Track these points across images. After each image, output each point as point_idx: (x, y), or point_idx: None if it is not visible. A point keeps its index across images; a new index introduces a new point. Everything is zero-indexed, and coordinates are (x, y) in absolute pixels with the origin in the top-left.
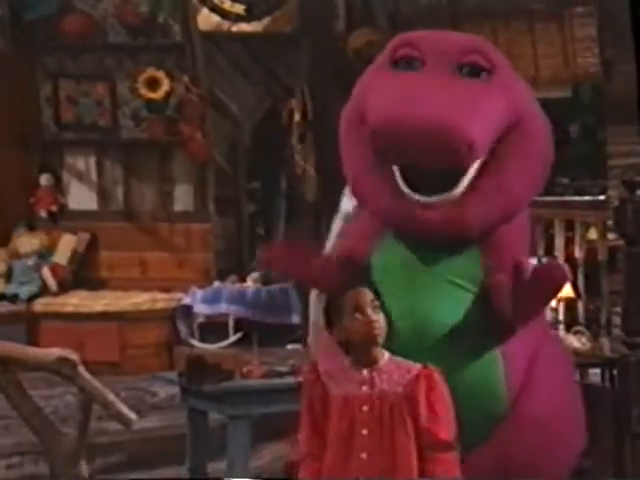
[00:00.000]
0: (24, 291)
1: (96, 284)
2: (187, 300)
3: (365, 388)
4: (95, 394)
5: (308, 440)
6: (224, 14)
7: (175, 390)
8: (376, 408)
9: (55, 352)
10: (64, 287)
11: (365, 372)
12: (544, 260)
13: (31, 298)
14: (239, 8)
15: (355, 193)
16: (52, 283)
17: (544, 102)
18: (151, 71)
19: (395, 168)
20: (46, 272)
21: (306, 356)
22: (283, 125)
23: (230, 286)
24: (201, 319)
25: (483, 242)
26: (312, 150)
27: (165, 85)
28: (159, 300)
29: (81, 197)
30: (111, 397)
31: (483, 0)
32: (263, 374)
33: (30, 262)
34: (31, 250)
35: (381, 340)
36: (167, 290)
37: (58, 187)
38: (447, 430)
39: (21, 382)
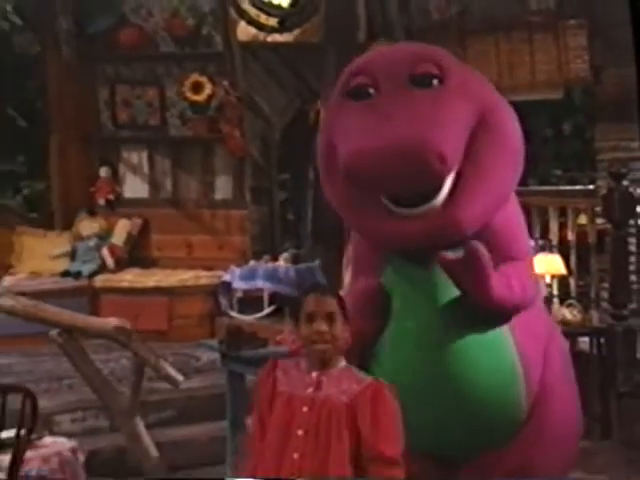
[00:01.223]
0: (86, 269)
1: (148, 263)
2: (227, 277)
3: (310, 390)
4: (147, 358)
5: (254, 432)
6: (260, 26)
7: (216, 355)
8: (315, 411)
9: (113, 322)
10: (120, 265)
11: (314, 375)
12: (540, 242)
13: (92, 275)
14: (273, 21)
15: (345, 219)
16: (110, 262)
17: (541, 103)
18: (195, 77)
19: None
20: (105, 252)
21: None
22: (310, 124)
23: (264, 265)
24: (239, 294)
25: (478, 238)
26: None
27: (208, 89)
28: (202, 277)
29: (135, 187)
30: (161, 361)
31: (488, 14)
32: (293, 341)
33: (91, 243)
34: (92, 233)
35: (326, 355)
36: (209, 268)
37: (115, 178)
38: (391, 446)
39: (84, 348)
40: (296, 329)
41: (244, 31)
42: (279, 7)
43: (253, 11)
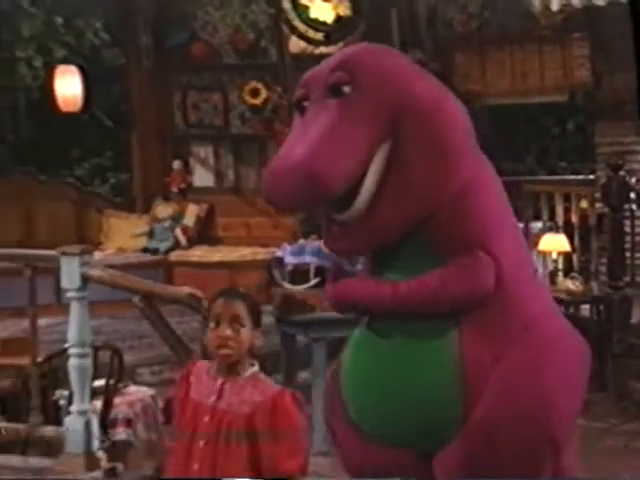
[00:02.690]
0: (162, 246)
1: (214, 241)
2: (279, 253)
3: (213, 398)
4: None
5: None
6: (308, 40)
7: (271, 319)
8: (215, 421)
9: (186, 290)
10: (191, 243)
11: (219, 382)
12: (548, 224)
13: (167, 251)
14: (320, 36)
15: None
16: (182, 240)
17: (549, 105)
18: (254, 84)
19: None
20: (178, 232)
21: None
22: None
23: (311, 243)
24: (290, 267)
25: (431, 244)
26: None
27: (264, 94)
28: (259, 253)
29: (202, 177)
30: None
31: (504, 29)
32: None
33: (166, 224)
34: (167, 215)
35: (227, 359)
36: (265, 246)
37: (186, 170)
38: (292, 458)
39: (161, 312)
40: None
41: (295, 44)
42: (325, 23)
43: (303, 27)
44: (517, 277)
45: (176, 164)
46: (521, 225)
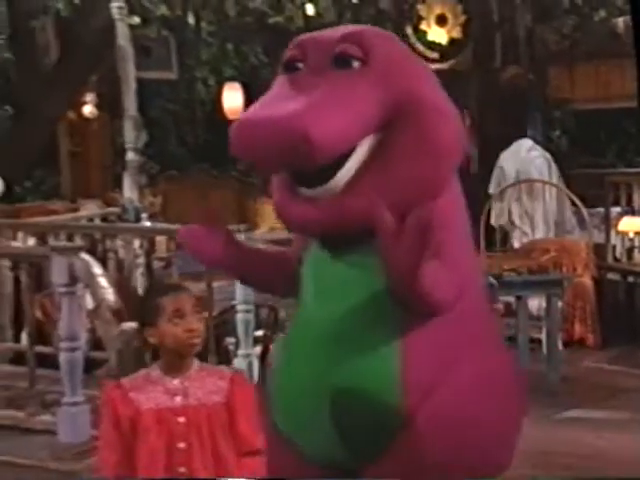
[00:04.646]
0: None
1: None
2: None
3: (179, 399)
4: None
5: (118, 464)
6: (425, 58)
7: None
8: (192, 419)
9: None
10: None
11: (177, 382)
12: (626, 208)
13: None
14: (435, 55)
15: None
16: None
17: (628, 109)
18: None
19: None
20: None
21: None
22: None
23: None
24: None
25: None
26: (475, 140)
27: None
28: None
29: None
30: None
31: (591, 46)
32: None
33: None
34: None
35: (197, 349)
36: None
37: None
38: (259, 435)
39: None
40: (149, 329)
41: None
42: (440, 45)
43: (421, 48)
44: (467, 295)
45: None
46: (603, 210)
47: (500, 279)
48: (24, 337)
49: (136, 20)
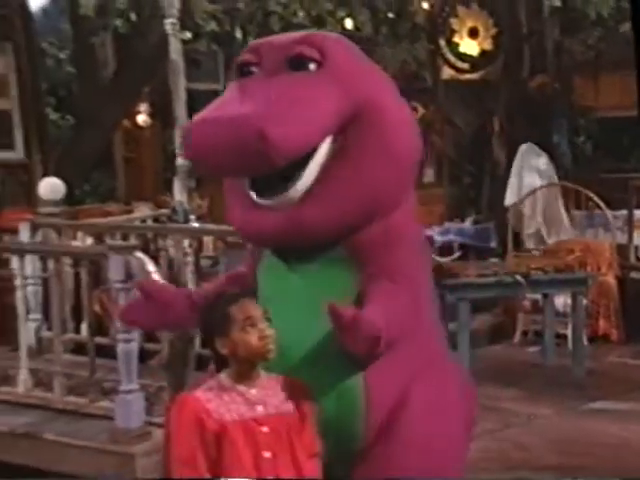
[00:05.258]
0: None
1: None
2: (430, 233)
3: (260, 408)
4: None
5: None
6: (457, 69)
7: None
8: (274, 428)
9: None
10: None
11: (254, 391)
12: None
13: None
14: (466, 65)
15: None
16: None
17: None
18: (413, 103)
19: None
20: None
21: (500, 266)
22: (488, 133)
23: (455, 224)
24: (438, 244)
25: (352, 251)
26: (503, 146)
27: (421, 111)
28: None
29: None
30: None
31: (615, 57)
32: (476, 275)
33: None
34: None
35: (272, 355)
36: None
37: None
38: (318, 438)
39: None
40: (219, 339)
41: (446, 72)
42: (471, 56)
43: (453, 59)
44: (422, 312)
45: None
46: (626, 212)
47: (527, 278)
48: (84, 329)
49: (188, 35)
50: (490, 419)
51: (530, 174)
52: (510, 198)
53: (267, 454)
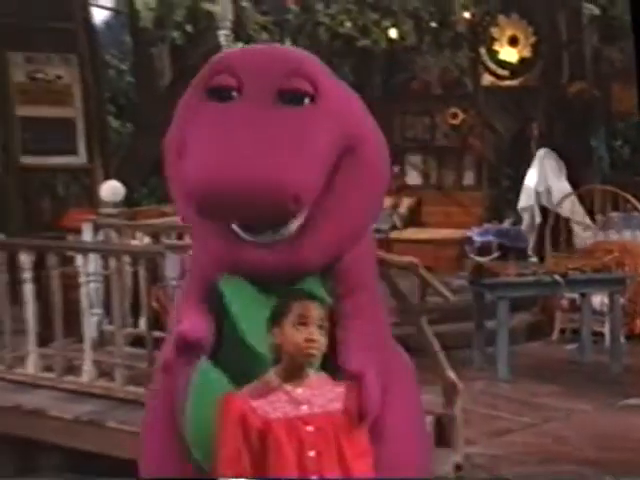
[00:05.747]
0: (383, 227)
1: (421, 224)
2: (470, 234)
3: (305, 407)
4: (429, 281)
5: (255, 466)
6: (497, 76)
7: (463, 282)
8: (320, 427)
9: (406, 258)
10: (404, 225)
11: (300, 390)
12: None
13: (387, 231)
14: (506, 72)
15: (192, 232)
16: (399, 223)
17: None
18: (454, 109)
19: None
20: (395, 217)
21: (539, 266)
22: (526, 137)
23: (493, 226)
24: (478, 244)
25: (328, 273)
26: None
27: (461, 116)
28: (455, 234)
29: (414, 177)
30: (436, 283)
31: None
32: (515, 274)
33: (386, 212)
34: (387, 205)
35: (315, 361)
36: (459, 227)
37: (402, 172)
38: (367, 437)
39: (390, 274)
40: (275, 329)
41: (486, 79)
42: (511, 63)
43: (493, 66)
44: (386, 345)
45: (394, 168)
46: None
47: (566, 277)
48: (142, 323)
49: (240, 46)
50: (529, 414)
51: (559, 179)
52: (525, 201)
53: (311, 453)
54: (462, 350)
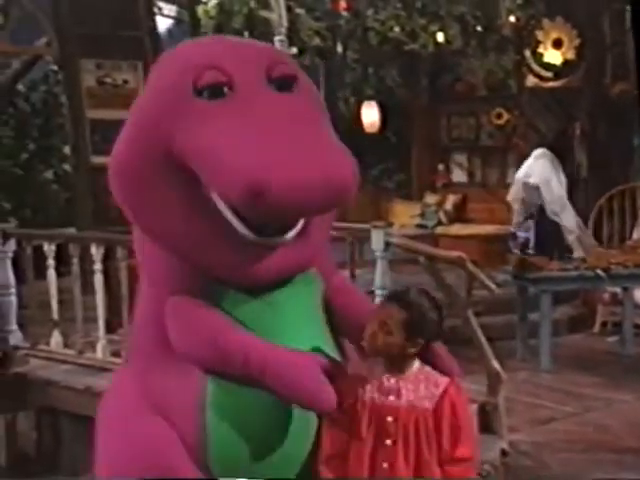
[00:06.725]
0: (430, 223)
1: (466, 220)
2: (513, 230)
3: (392, 398)
4: (475, 274)
5: (338, 441)
6: (540, 77)
7: (507, 276)
8: (401, 420)
9: (454, 253)
10: (450, 221)
11: (393, 381)
12: None
13: (433, 227)
14: (549, 74)
15: (171, 244)
16: (444, 219)
17: None
18: (498, 109)
19: (227, 212)
20: (441, 214)
21: (582, 261)
22: (569, 136)
23: (531, 223)
24: (521, 240)
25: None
26: (584, 149)
27: (505, 117)
28: (499, 230)
29: (459, 176)
30: (482, 276)
31: None
32: (558, 269)
33: (433, 208)
34: (433, 202)
35: (374, 356)
36: (502, 224)
37: (447, 170)
38: (466, 445)
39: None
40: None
41: (530, 80)
42: (554, 65)
43: (537, 68)
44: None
45: (440, 167)
46: None
47: (608, 272)
48: None
49: (294, 50)
50: (571, 404)
51: (551, 179)
52: (514, 193)
53: (388, 442)
54: (506, 341)
